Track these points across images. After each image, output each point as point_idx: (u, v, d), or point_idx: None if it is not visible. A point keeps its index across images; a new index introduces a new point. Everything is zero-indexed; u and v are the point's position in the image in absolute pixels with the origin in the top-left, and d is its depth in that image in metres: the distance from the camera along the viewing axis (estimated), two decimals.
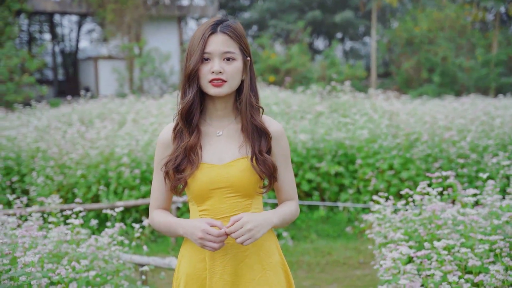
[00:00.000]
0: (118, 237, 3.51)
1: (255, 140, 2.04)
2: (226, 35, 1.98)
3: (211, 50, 1.96)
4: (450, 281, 2.73)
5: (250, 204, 2.05)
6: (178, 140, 2.05)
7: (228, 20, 2.03)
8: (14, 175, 6.83)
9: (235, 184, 2.01)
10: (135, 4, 17.25)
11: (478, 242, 3.01)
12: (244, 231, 1.90)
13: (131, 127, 7.23)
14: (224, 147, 2.05)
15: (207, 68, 1.97)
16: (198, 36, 1.98)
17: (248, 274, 2.03)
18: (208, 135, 2.07)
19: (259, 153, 2.03)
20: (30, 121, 8.59)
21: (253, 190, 2.05)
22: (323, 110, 7.96)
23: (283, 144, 2.11)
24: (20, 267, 2.60)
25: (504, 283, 2.70)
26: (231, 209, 2.02)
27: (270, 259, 2.08)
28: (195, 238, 1.93)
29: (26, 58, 14.02)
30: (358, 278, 5.16)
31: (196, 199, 2.05)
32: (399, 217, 3.61)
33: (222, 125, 2.08)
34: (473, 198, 3.28)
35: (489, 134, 6.68)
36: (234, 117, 2.09)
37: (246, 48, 2.04)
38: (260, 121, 2.05)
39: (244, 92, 2.04)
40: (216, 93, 1.99)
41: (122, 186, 6.24)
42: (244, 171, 2.01)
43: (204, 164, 2.02)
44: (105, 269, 3.36)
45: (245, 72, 2.04)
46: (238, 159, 2.03)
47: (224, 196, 2.02)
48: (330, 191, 6.79)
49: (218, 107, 2.06)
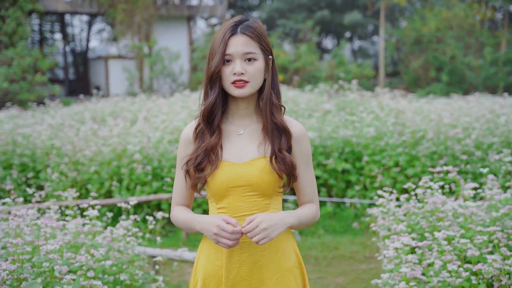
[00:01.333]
0: (132, 228, 3.67)
1: (275, 138, 2.04)
2: (246, 36, 1.99)
3: (232, 52, 1.98)
4: (449, 269, 2.86)
5: (268, 203, 2.06)
6: (199, 140, 2.07)
7: (248, 20, 2.03)
8: (30, 172, 7.02)
9: (253, 183, 2.02)
10: (145, 4, 17.44)
11: (478, 233, 3.14)
12: (259, 230, 1.91)
13: (143, 125, 7.40)
14: (244, 146, 2.06)
15: (229, 69, 1.99)
16: (219, 38, 1.99)
17: (265, 274, 2.05)
18: (229, 133, 2.09)
19: (279, 151, 2.03)
20: (44, 119, 8.79)
21: (272, 190, 2.05)
22: (331, 108, 8.09)
23: (304, 145, 2.10)
24: (43, 254, 2.77)
25: (501, 272, 2.83)
26: (249, 208, 2.04)
27: (288, 260, 2.08)
28: (210, 234, 1.95)
29: (38, 58, 14.24)
30: (364, 272, 5.29)
31: (215, 197, 2.07)
32: (403, 211, 3.74)
33: (243, 124, 2.10)
34: (472, 191, 3.41)
35: (494, 131, 6.79)
36: (256, 117, 2.10)
37: (267, 47, 2.05)
38: (280, 120, 2.05)
39: (265, 90, 2.04)
40: (239, 94, 2.01)
41: (134, 182, 6.41)
42: (263, 170, 2.02)
43: (224, 162, 2.04)
44: (120, 259, 3.52)
45: (267, 71, 2.05)
46: (257, 158, 2.04)
47: (243, 195, 2.03)
48: (337, 187, 6.92)
49: (240, 106, 2.08)
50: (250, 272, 2.04)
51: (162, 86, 17.77)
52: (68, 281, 2.70)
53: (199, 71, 17.64)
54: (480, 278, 2.93)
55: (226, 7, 20.14)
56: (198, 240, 6.08)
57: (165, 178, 6.40)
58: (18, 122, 8.25)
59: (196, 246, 5.80)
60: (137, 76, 17.62)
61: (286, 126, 2.05)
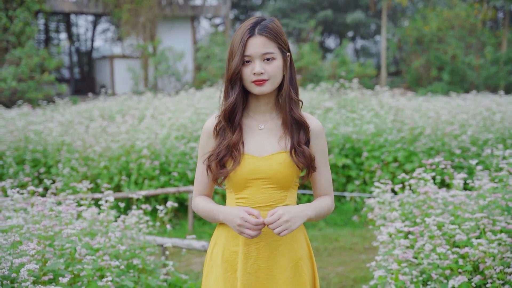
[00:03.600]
0: (144, 217, 3.92)
1: (294, 132, 2.13)
2: (264, 37, 2.06)
3: (251, 53, 2.06)
4: (438, 252, 3.10)
5: (285, 196, 2.14)
6: (220, 136, 2.14)
7: (265, 20, 2.10)
8: (41, 167, 7.29)
9: (273, 176, 2.10)
10: (150, 5, 17.71)
11: (466, 220, 3.38)
12: (281, 222, 1.98)
13: (150, 122, 7.65)
14: (265, 140, 2.14)
15: (249, 69, 2.07)
16: (238, 39, 2.07)
17: (281, 262, 2.13)
18: (250, 128, 2.16)
19: (298, 145, 2.11)
20: (54, 116, 9.06)
21: (290, 183, 2.13)
22: (332, 106, 8.35)
23: (322, 141, 2.19)
24: (65, 237, 3.02)
25: (486, 254, 3.06)
26: (267, 200, 2.11)
27: (301, 249, 2.17)
28: (234, 225, 2.03)
29: (45, 57, 14.51)
30: (363, 261, 5.53)
31: (234, 188, 2.14)
32: (398, 201, 3.99)
33: (264, 119, 2.17)
34: (462, 181, 3.66)
35: (490, 128, 7.02)
36: (276, 112, 2.18)
37: (285, 45, 2.12)
38: (299, 114, 2.13)
39: (284, 86, 2.12)
40: (259, 92, 2.09)
41: (142, 176, 6.66)
42: (283, 164, 2.10)
43: (246, 155, 2.11)
44: (132, 246, 3.77)
45: (285, 68, 2.13)
46: (277, 152, 2.12)
47: (262, 187, 2.10)
48: (338, 182, 7.17)
49: (261, 102, 2.16)
50: (267, 260, 2.12)
51: (167, 85, 18.03)
52: (88, 261, 2.95)
53: (203, 70, 17.89)
54: (467, 261, 3.17)
55: (229, 7, 20.38)
56: (204, 232, 6.33)
57: (172, 172, 6.65)
58: (29, 119, 8.52)
59: (203, 238, 6.04)
60: (142, 75, 17.89)
61: (305, 120, 2.14)
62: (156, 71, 17.61)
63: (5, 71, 13.38)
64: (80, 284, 2.92)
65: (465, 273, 3.09)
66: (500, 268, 2.96)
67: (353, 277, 5.07)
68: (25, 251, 2.74)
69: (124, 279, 3.21)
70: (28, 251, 2.68)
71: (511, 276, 2.90)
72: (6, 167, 7.09)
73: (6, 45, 14.69)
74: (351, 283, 4.94)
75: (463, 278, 2.95)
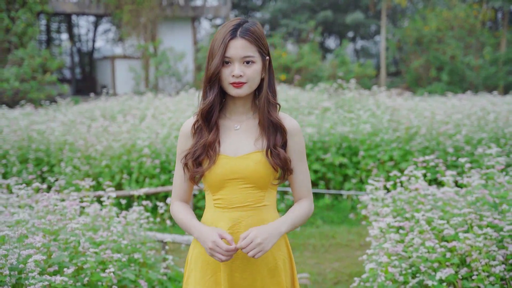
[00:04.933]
0: (145, 213, 4.06)
1: (271, 135, 2.13)
2: (245, 40, 2.07)
3: (231, 55, 2.06)
4: (427, 246, 3.23)
5: (263, 196, 2.15)
6: (197, 135, 2.16)
7: (247, 22, 2.11)
8: (44, 166, 7.43)
9: (249, 176, 2.10)
10: (151, 5, 17.86)
11: (454, 215, 3.51)
12: (254, 245, 1.99)
13: (151, 121, 7.80)
14: (241, 141, 2.15)
15: (228, 71, 2.08)
16: (219, 40, 2.08)
17: (260, 264, 2.15)
18: (226, 128, 2.17)
19: (273, 147, 2.11)
20: (56, 116, 9.21)
21: (267, 183, 2.14)
22: (330, 106, 8.49)
23: (298, 141, 2.19)
24: (69, 231, 3.16)
25: (473, 248, 3.20)
26: (244, 200, 2.12)
27: (280, 252, 2.19)
28: (206, 246, 2.05)
29: (47, 58, 14.67)
30: (359, 258, 5.66)
31: (211, 188, 2.16)
32: (390, 197, 4.12)
33: (240, 120, 2.18)
34: (451, 178, 3.79)
35: (484, 128, 7.16)
36: (252, 113, 2.19)
37: (265, 49, 2.13)
38: (276, 117, 2.13)
39: (263, 90, 2.13)
40: (237, 94, 2.10)
41: (143, 175, 6.81)
42: (259, 164, 2.10)
43: (221, 155, 2.12)
44: (134, 241, 3.91)
45: (264, 71, 2.14)
46: (253, 152, 2.12)
47: (238, 187, 2.11)
48: (334, 180, 7.31)
49: (238, 104, 2.17)
50: (247, 262, 2.14)
51: (167, 86, 18.18)
52: (90, 254, 3.09)
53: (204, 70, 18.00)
54: (455, 254, 3.30)
55: (230, 7, 20.52)
56: None
57: (172, 171, 6.79)
58: (32, 119, 8.67)
59: None
60: (143, 76, 18.03)
61: (282, 124, 2.14)
62: (157, 72, 17.76)
63: (7, 71, 13.53)
64: (83, 276, 3.06)
65: (452, 266, 3.22)
66: (486, 261, 3.10)
67: (348, 273, 5.20)
68: (31, 244, 2.88)
69: (126, 272, 3.35)
70: (34, 244, 2.82)
71: (496, 268, 3.03)
72: (10, 165, 7.24)
73: (8, 46, 14.84)
74: (346, 278, 5.07)
75: (450, 270, 3.09)
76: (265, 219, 2.14)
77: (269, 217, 2.15)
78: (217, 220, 2.14)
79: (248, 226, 2.11)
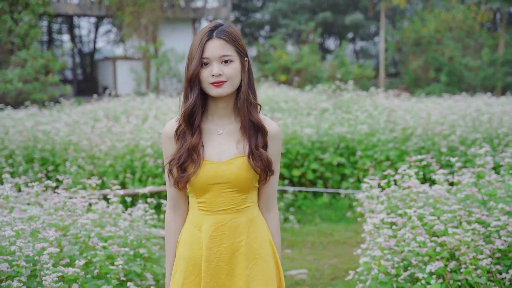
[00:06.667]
0: (149, 210, 4.25)
1: (252, 136, 2.16)
2: (222, 40, 2.10)
3: (209, 55, 2.09)
4: (418, 240, 3.41)
5: (245, 198, 2.19)
6: (181, 140, 2.16)
7: (223, 25, 2.14)
8: (49, 165, 7.61)
9: (232, 181, 2.13)
10: (152, 7, 18.04)
11: (444, 212, 3.69)
12: None
13: (153, 122, 7.98)
14: (223, 145, 2.17)
15: (207, 72, 2.10)
16: (196, 42, 2.11)
17: (242, 263, 2.17)
18: (209, 132, 2.19)
19: (255, 148, 2.14)
20: (60, 117, 9.39)
21: (249, 186, 2.18)
22: (328, 107, 8.67)
23: (277, 146, 2.23)
24: (79, 226, 3.35)
25: (461, 242, 3.37)
26: (227, 203, 2.16)
27: (262, 250, 2.21)
28: None
29: (50, 59, 14.85)
30: (356, 254, 5.84)
31: (195, 192, 2.18)
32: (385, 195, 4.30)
33: (223, 124, 2.19)
34: (443, 176, 3.98)
35: (478, 128, 7.34)
36: (234, 117, 2.20)
37: (242, 50, 2.15)
38: (257, 118, 2.16)
39: (242, 89, 2.15)
40: (217, 94, 2.11)
41: (146, 174, 6.99)
42: (241, 168, 2.13)
43: (205, 160, 2.14)
44: (139, 236, 4.09)
45: (243, 72, 2.15)
46: (236, 157, 2.15)
47: (221, 191, 2.14)
48: (332, 179, 7.50)
49: (219, 106, 2.18)
50: (229, 262, 2.17)
51: (168, 86, 18.36)
52: (100, 248, 3.27)
53: None
54: (444, 248, 3.48)
55: (230, 9, 20.70)
56: None
57: None
58: (37, 120, 8.85)
59: None
60: (144, 77, 18.22)
61: (262, 124, 2.17)
62: (158, 73, 17.94)
63: (11, 72, 13.72)
64: (93, 269, 3.24)
65: (442, 260, 3.41)
66: (473, 254, 3.28)
67: (345, 268, 5.38)
68: (44, 238, 3.06)
69: (133, 265, 3.53)
70: (48, 237, 3.00)
71: (483, 262, 3.21)
72: (16, 165, 7.42)
73: (11, 47, 15.03)
74: (343, 273, 5.25)
75: (440, 264, 3.27)
76: (248, 219, 2.19)
77: (251, 217, 2.21)
78: (201, 222, 2.18)
79: (232, 227, 2.16)
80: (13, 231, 2.80)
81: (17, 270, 2.74)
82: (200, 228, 2.18)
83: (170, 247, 2.27)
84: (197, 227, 2.19)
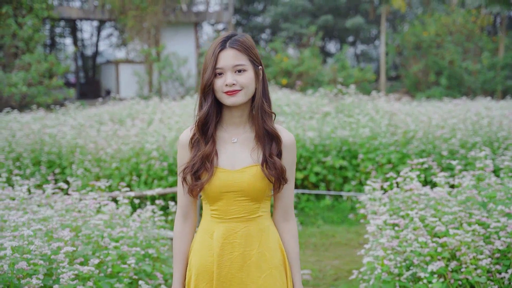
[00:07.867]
0: (158, 211, 4.36)
1: (266, 144, 2.16)
2: (235, 50, 2.12)
3: (222, 65, 2.11)
4: (420, 241, 3.52)
5: (258, 207, 2.19)
6: (195, 148, 2.17)
7: (236, 35, 2.16)
8: (56, 168, 7.73)
9: (245, 189, 2.14)
10: (154, 11, 18.18)
11: (445, 213, 3.80)
12: None
13: (158, 125, 8.09)
14: (238, 154, 2.18)
15: (221, 81, 2.12)
16: (210, 53, 2.14)
17: (255, 272, 2.17)
18: (224, 141, 2.19)
19: (269, 156, 2.15)
20: (66, 120, 9.51)
21: (262, 195, 2.18)
22: (330, 110, 8.79)
23: (292, 156, 2.23)
24: (92, 227, 3.46)
25: (462, 243, 3.48)
26: (240, 212, 2.17)
27: (275, 258, 2.21)
28: None
29: (54, 63, 14.98)
30: (358, 256, 5.95)
31: (209, 199, 2.19)
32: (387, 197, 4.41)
33: (237, 133, 2.20)
34: (443, 179, 4.09)
35: (478, 132, 7.46)
36: (249, 126, 2.21)
37: (256, 59, 2.16)
38: (271, 126, 2.17)
39: (256, 98, 2.16)
40: (231, 103, 2.12)
41: (151, 177, 7.10)
42: (255, 177, 2.14)
43: (219, 168, 2.15)
44: (147, 237, 4.20)
45: (258, 80, 2.17)
46: (250, 166, 2.15)
47: (235, 199, 2.15)
48: (335, 182, 7.62)
49: (234, 115, 2.18)
50: (241, 270, 2.16)
51: (171, 90, 18.48)
52: (112, 247, 3.38)
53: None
54: (445, 249, 3.59)
55: (231, 13, 20.83)
56: None
57: None
58: (44, 123, 8.97)
59: None
60: (146, 80, 18.34)
61: (277, 133, 2.17)
62: (161, 76, 18.06)
63: (15, 76, 13.84)
64: (105, 268, 3.35)
65: (443, 259, 3.51)
66: (474, 255, 3.38)
67: (347, 269, 5.49)
68: (60, 238, 3.17)
69: (143, 265, 3.64)
70: (63, 237, 3.11)
71: (483, 262, 3.31)
72: (23, 168, 7.54)
73: (15, 51, 15.16)
74: (345, 274, 5.36)
75: (441, 263, 3.37)
76: (260, 228, 2.20)
77: (263, 226, 2.21)
78: (213, 229, 2.19)
79: (244, 236, 2.17)
80: (31, 231, 2.90)
81: (35, 268, 2.85)
82: (212, 235, 2.19)
83: (179, 256, 2.27)
84: (209, 234, 2.20)
